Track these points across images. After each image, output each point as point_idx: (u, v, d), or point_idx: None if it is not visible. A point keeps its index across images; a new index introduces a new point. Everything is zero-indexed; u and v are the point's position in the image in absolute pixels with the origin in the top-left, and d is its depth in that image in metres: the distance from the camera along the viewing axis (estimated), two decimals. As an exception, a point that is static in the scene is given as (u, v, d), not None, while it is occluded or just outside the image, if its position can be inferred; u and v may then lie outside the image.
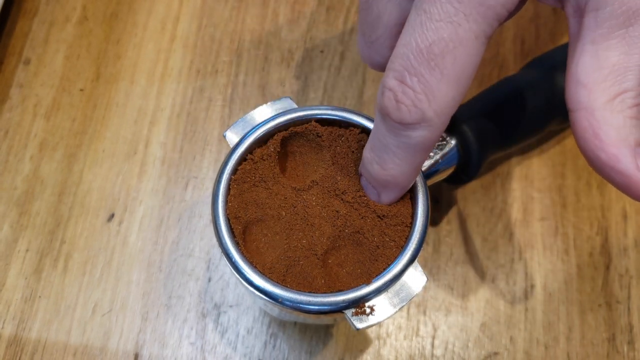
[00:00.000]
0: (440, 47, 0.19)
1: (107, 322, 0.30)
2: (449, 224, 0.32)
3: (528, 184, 0.33)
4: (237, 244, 0.23)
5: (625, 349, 0.30)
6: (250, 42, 0.37)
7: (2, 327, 0.30)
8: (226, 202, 0.24)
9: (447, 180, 0.30)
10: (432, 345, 0.30)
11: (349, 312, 0.22)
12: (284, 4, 0.38)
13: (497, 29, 0.20)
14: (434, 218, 0.32)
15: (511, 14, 0.23)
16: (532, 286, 0.31)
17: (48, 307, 0.30)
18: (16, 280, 0.31)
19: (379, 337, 0.30)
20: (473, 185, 0.33)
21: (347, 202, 0.25)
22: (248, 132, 0.25)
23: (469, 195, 0.33)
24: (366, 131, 0.26)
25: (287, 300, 0.22)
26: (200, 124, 0.35)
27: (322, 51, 0.37)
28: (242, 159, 0.25)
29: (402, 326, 0.30)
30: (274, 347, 0.30)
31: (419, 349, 0.30)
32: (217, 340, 0.30)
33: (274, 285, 0.22)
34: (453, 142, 0.28)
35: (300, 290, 0.23)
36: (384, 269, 0.23)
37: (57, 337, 0.30)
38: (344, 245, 0.24)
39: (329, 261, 0.24)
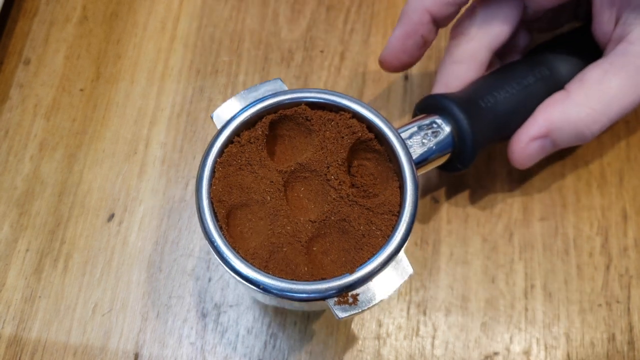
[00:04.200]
0: None
1: (107, 322, 0.30)
2: (449, 224, 0.32)
3: (528, 183, 0.33)
4: (220, 229, 0.23)
5: (625, 349, 0.30)
6: (250, 42, 0.37)
7: (2, 327, 0.30)
8: (210, 185, 0.23)
9: (442, 167, 0.29)
10: (432, 345, 0.30)
11: (331, 301, 0.22)
12: (284, 4, 0.38)
13: None
14: (434, 218, 0.32)
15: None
16: (532, 286, 0.31)
17: (48, 307, 0.30)
18: (16, 280, 0.31)
19: (379, 337, 0.30)
20: (473, 185, 0.33)
21: (334, 188, 0.24)
22: (236, 113, 0.24)
23: (469, 196, 0.33)
24: (357, 116, 0.25)
25: (269, 287, 0.22)
26: (200, 124, 0.35)
27: (322, 51, 0.37)
28: (229, 141, 0.24)
29: (402, 326, 0.30)
30: (274, 347, 0.30)
31: (419, 349, 0.30)
32: (217, 340, 0.30)
33: (255, 271, 0.22)
34: (447, 129, 0.28)
35: (282, 278, 0.22)
36: (369, 258, 0.22)
37: (57, 337, 0.30)
38: (329, 233, 0.24)
39: (314, 248, 0.24)
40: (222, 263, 0.22)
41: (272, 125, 0.25)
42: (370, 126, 0.25)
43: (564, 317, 0.30)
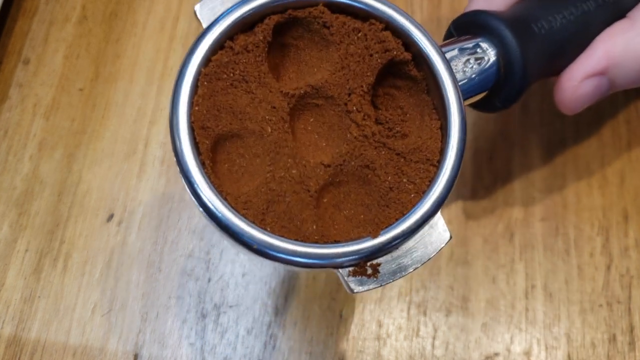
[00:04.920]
0: None
1: (106, 323, 0.30)
2: (449, 224, 0.32)
3: (529, 184, 0.33)
4: (202, 165, 0.18)
5: (626, 349, 0.30)
6: (250, 41, 0.37)
7: (2, 328, 0.30)
8: (191, 104, 0.18)
9: (474, 105, 0.25)
10: (433, 345, 0.30)
11: (344, 271, 0.18)
12: (284, 3, 0.38)
13: None
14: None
15: None
16: (533, 286, 0.31)
17: (47, 307, 0.30)
18: (15, 280, 0.31)
19: (379, 338, 0.30)
20: (473, 185, 0.33)
21: (356, 124, 0.19)
22: (229, 8, 0.19)
23: (469, 195, 0.33)
24: (391, 28, 0.19)
25: (265, 247, 0.17)
26: (200, 124, 0.35)
27: (322, 50, 0.37)
28: (219, 46, 0.19)
29: (403, 327, 0.30)
30: (273, 347, 0.30)
31: (419, 350, 0.30)
32: (216, 341, 0.30)
33: (249, 225, 0.17)
34: (493, 56, 0.22)
35: (283, 237, 0.18)
36: (397, 219, 0.18)
37: (56, 338, 0.30)
38: (345, 182, 0.19)
39: (324, 200, 0.19)
40: (203, 212, 0.17)
41: (276, 30, 0.19)
42: (408, 43, 0.19)
43: (564, 318, 0.30)
